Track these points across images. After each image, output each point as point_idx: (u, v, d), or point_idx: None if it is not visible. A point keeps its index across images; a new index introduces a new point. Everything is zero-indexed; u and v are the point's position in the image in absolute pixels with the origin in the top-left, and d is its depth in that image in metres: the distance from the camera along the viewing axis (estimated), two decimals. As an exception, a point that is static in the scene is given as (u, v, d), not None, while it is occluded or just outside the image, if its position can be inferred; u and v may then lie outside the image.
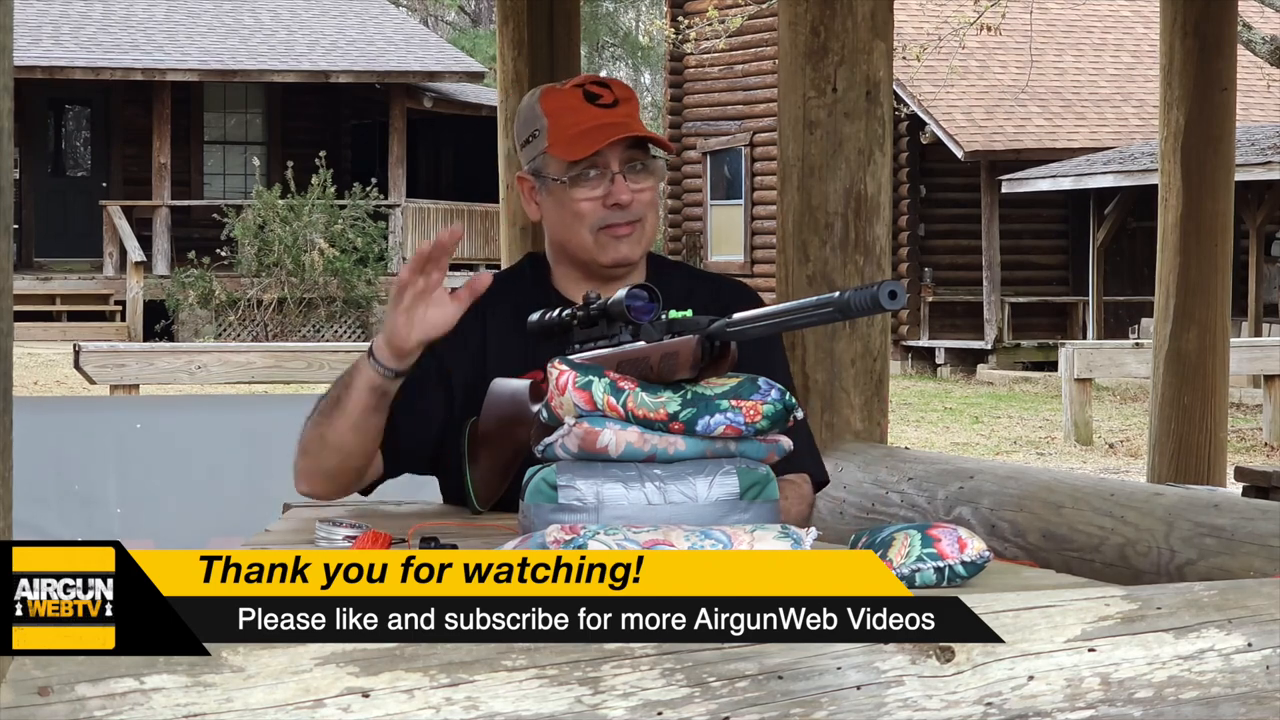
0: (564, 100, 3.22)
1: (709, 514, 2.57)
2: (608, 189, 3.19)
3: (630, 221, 3.21)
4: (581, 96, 3.21)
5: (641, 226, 3.22)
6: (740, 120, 28.65)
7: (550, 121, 3.21)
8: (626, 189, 3.19)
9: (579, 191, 3.20)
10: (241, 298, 27.02)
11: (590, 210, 3.20)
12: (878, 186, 4.75)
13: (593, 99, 3.20)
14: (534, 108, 3.25)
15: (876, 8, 4.71)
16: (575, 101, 3.21)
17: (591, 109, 3.19)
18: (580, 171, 3.19)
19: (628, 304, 2.73)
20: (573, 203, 3.21)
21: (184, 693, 1.83)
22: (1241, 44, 17.41)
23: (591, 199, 3.20)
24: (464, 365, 3.21)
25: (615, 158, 3.19)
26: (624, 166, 3.20)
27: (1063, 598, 2.15)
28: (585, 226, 3.21)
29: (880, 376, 4.79)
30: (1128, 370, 17.23)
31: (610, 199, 3.19)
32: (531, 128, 3.25)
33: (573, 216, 3.21)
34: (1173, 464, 7.11)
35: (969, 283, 26.16)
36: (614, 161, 3.19)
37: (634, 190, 3.20)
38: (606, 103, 3.20)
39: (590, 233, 3.21)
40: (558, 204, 3.24)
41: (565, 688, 1.94)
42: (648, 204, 3.22)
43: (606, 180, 3.19)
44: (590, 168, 3.19)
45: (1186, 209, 7.01)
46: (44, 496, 5.38)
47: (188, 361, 14.01)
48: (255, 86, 30.22)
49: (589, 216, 3.20)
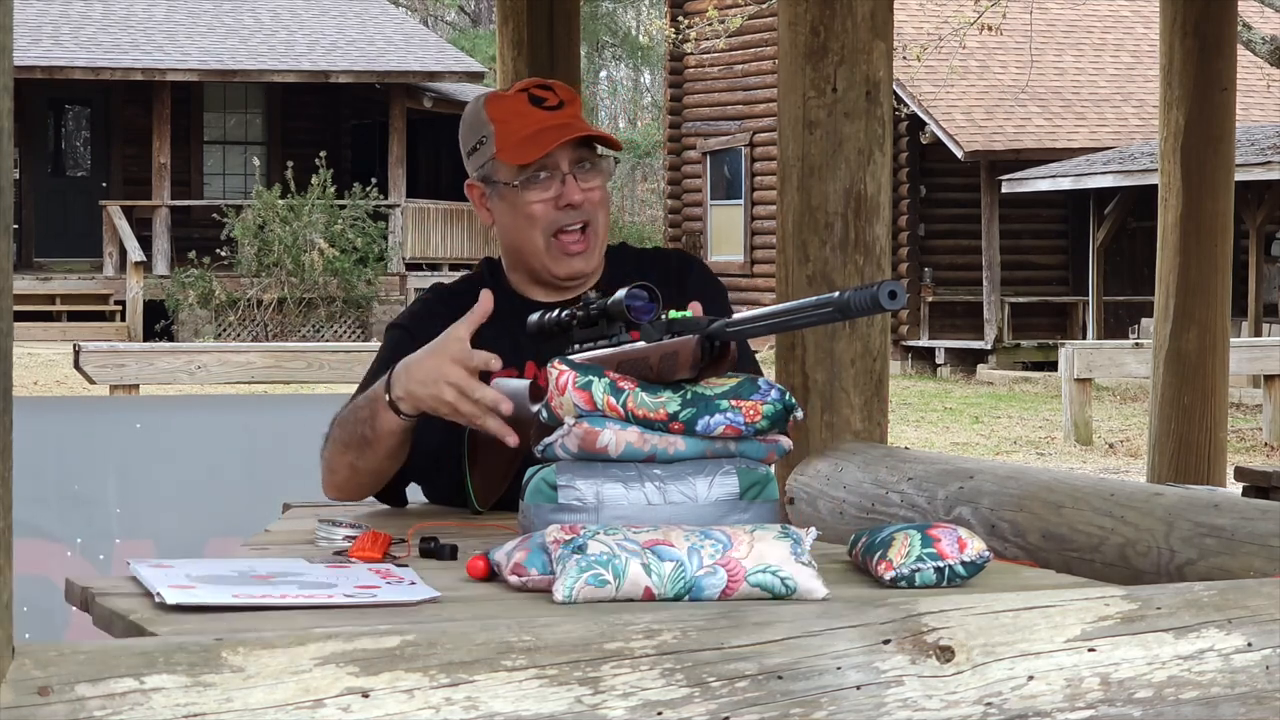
0: (509, 105, 3.25)
1: (709, 514, 2.57)
2: (559, 190, 3.22)
3: (582, 226, 3.23)
4: (526, 100, 3.23)
5: (594, 232, 3.25)
6: (740, 120, 28.65)
7: (497, 127, 3.24)
8: (577, 189, 3.22)
9: (531, 194, 3.23)
10: (241, 298, 27.03)
11: (542, 212, 3.23)
12: (878, 186, 4.75)
13: (538, 102, 3.22)
14: (479, 114, 3.28)
15: (876, 8, 4.71)
16: (521, 106, 3.23)
17: (537, 112, 3.21)
18: (531, 175, 3.22)
19: (628, 304, 2.73)
20: (525, 205, 3.23)
21: (184, 693, 1.83)
22: (1241, 44, 17.41)
23: (543, 201, 3.23)
24: None
25: (565, 158, 3.22)
26: (573, 167, 3.23)
27: (1063, 598, 2.15)
28: (538, 229, 3.24)
29: (880, 376, 4.79)
30: (1128, 370, 17.22)
31: (562, 200, 3.22)
32: (478, 134, 3.28)
33: (525, 220, 3.24)
34: (1173, 464, 7.10)
35: (969, 283, 26.15)
36: (563, 162, 3.22)
37: (584, 189, 3.23)
38: (551, 105, 3.22)
39: (543, 236, 3.24)
40: (510, 208, 3.26)
41: (565, 688, 1.94)
42: (598, 203, 3.25)
43: (557, 181, 3.22)
44: (540, 170, 3.22)
45: (1186, 209, 7.01)
46: (44, 496, 5.37)
47: (188, 361, 14.01)
48: (255, 86, 30.22)
49: (541, 219, 3.23)
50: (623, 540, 2.31)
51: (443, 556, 2.63)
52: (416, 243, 29.26)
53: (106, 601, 2.29)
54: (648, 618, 2.01)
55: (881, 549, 2.46)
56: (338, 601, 2.26)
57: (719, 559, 2.31)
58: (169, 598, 2.21)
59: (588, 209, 3.23)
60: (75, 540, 5.44)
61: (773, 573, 2.31)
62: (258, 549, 2.80)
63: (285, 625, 2.11)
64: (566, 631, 1.97)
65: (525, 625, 1.96)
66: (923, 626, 2.07)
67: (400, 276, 28.68)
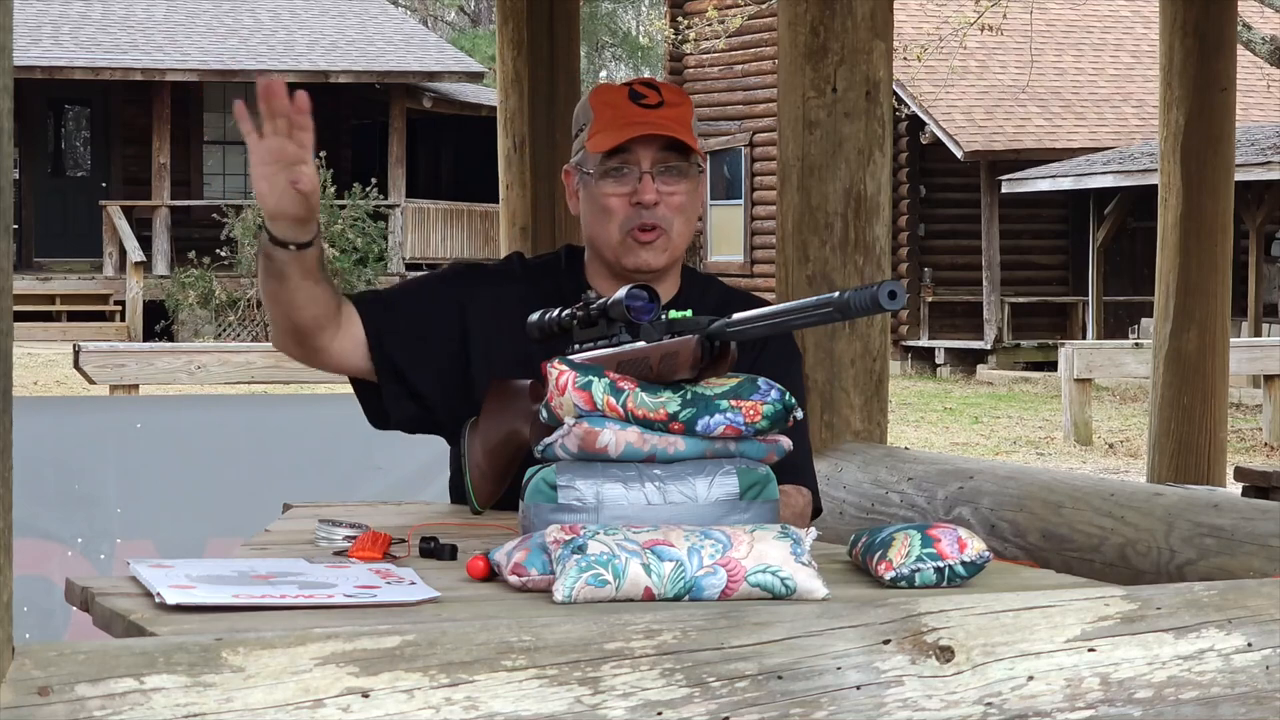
0: (610, 96, 3.24)
1: (709, 514, 2.57)
2: (635, 186, 3.20)
3: (655, 226, 3.20)
4: (627, 95, 3.22)
5: (667, 234, 3.22)
6: (740, 120, 28.65)
7: (595, 115, 3.23)
8: (653, 189, 3.20)
9: (606, 186, 3.22)
10: (241, 298, 27.02)
11: (617, 206, 3.21)
12: (877, 186, 4.75)
13: (637, 98, 3.22)
14: (585, 102, 3.28)
15: (876, 8, 4.71)
16: (619, 99, 3.22)
17: (633, 107, 3.20)
18: (611, 167, 3.21)
19: (628, 304, 2.73)
20: (601, 197, 3.22)
21: (184, 693, 1.83)
22: (1241, 44, 17.42)
23: (618, 195, 3.21)
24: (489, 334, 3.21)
25: (647, 157, 3.20)
26: (654, 167, 3.20)
27: (1063, 598, 2.15)
28: (613, 223, 3.22)
29: (880, 376, 4.79)
30: (1127, 370, 17.22)
31: (636, 196, 3.20)
32: (581, 121, 3.28)
33: (600, 211, 3.23)
34: (1172, 464, 7.10)
35: (969, 283, 26.15)
36: (645, 160, 3.20)
37: (662, 192, 3.20)
38: (650, 103, 3.21)
39: (618, 230, 3.22)
40: (589, 197, 3.25)
41: (565, 688, 1.94)
42: (676, 208, 3.22)
43: (634, 178, 3.20)
44: (622, 164, 3.20)
45: (1186, 209, 7.01)
46: (44, 496, 5.37)
47: (188, 361, 14.00)
48: (255, 86, 30.20)
49: (615, 213, 3.21)
50: (623, 540, 2.31)
51: (443, 556, 2.63)
52: (416, 243, 29.26)
53: (106, 601, 2.29)
54: (648, 618, 2.01)
55: (881, 549, 2.46)
56: (338, 601, 2.26)
57: (719, 559, 2.31)
58: (169, 598, 2.21)
59: (663, 212, 3.20)
60: (75, 540, 5.44)
61: (773, 573, 2.31)
62: (258, 549, 2.80)
63: (285, 625, 2.11)
64: (566, 631, 1.97)
65: (525, 625, 1.96)
66: (923, 626, 2.07)
67: (400, 277, 28.67)
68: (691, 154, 3.23)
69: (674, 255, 3.26)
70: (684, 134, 3.20)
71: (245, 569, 2.42)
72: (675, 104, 3.23)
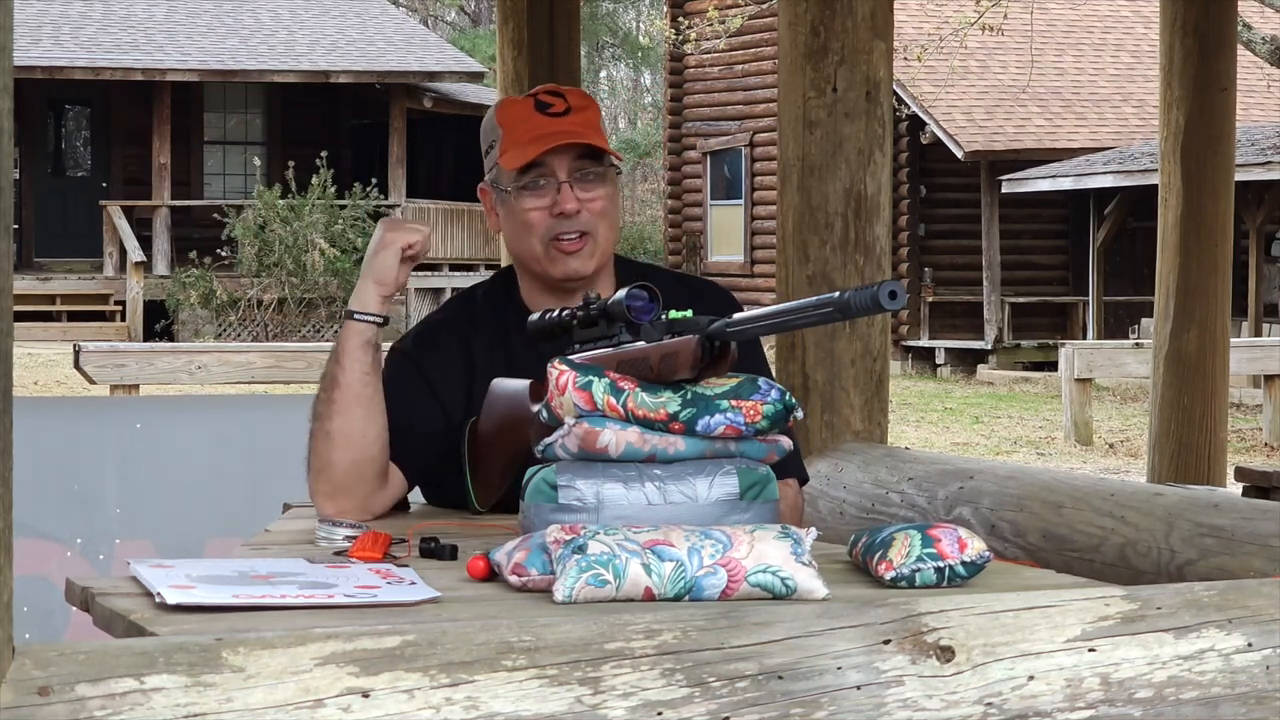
0: (516, 110, 3.22)
1: (709, 514, 2.57)
2: (554, 198, 3.17)
3: (579, 233, 3.18)
4: (532, 106, 3.19)
5: (592, 239, 3.19)
6: (740, 120, 28.65)
7: (504, 132, 3.21)
8: (573, 198, 3.16)
9: (526, 200, 3.19)
10: (242, 298, 27.02)
11: (538, 220, 3.18)
12: (878, 186, 4.75)
13: (543, 108, 3.18)
14: (491, 119, 3.26)
15: (876, 8, 4.71)
16: (526, 111, 3.20)
17: (540, 118, 3.17)
18: (528, 181, 3.18)
19: (628, 304, 2.73)
20: (522, 212, 3.19)
21: (184, 693, 1.83)
22: (1241, 44, 17.41)
23: (539, 208, 3.18)
24: (451, 381, 3.20)
25: (563, 166, 3.17)
26: (571, 175, 3.17)
27: (1063, 598, 2.15)
28: (535, 237, 3.19)
29: (880, 376, 4.79)
30: (1128, 370, 17.22)
31: (556, 208, 3.17)
32: (490, 139, 3.25)
33: (523, 226, 3.20)
34: (1173, 464, 7.11)
35: (969, 283, 26.15)
36: (560, 170, 3.17)
37: (582, 199, 3.17)
38: (557, 111, 3.17)
39: (540, 244, 3.19)
40: (509, 214, 3.23)
41: (565, 688, 1.94)
42: (598, 214, 3.19)
43: (553, 189, 3.17)
44: (538, 177, 3.17)
45: (1186, 209, 7.01)
46: (44, 496, 5.37)
47: (188, 361, 14.01)
48: (255, 86, 30.21)
49: (537, 226, 3.18)
50: (623, 540, 2.31)
51: (443, 556, 2.63)
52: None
53: (106, 601, 2.29)
54: (648, 618, 2.01)
55: (882, 549, 2.46)
56: (338, 601, 2.26)
57: (719, 559, 2.31)
58: (169, 598, 2.21)
59: (585, 219, 3.17)
60: (75, 540, 5.44)
61: (773, 573, 2.31)
62: (258, 549, 2.80)
63: (285, 625, 2.11)
64: (566, 631, 1.97)
65: (525, 625, 1.96)
66: (923, 626, 2.07)
67: (400, 276, 28.63)
68: (605, 156, 3.20)
69: (603, 259, 3.23)
70: (596, 138, 3.17)
71: (245, 569, 2.42)
72: (582, 108, 3.19)
